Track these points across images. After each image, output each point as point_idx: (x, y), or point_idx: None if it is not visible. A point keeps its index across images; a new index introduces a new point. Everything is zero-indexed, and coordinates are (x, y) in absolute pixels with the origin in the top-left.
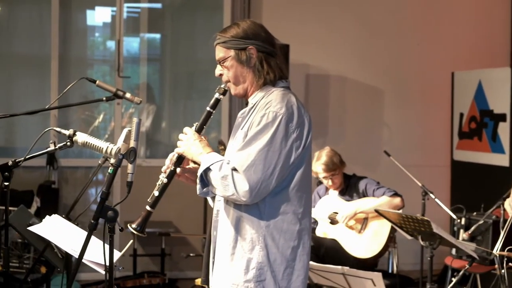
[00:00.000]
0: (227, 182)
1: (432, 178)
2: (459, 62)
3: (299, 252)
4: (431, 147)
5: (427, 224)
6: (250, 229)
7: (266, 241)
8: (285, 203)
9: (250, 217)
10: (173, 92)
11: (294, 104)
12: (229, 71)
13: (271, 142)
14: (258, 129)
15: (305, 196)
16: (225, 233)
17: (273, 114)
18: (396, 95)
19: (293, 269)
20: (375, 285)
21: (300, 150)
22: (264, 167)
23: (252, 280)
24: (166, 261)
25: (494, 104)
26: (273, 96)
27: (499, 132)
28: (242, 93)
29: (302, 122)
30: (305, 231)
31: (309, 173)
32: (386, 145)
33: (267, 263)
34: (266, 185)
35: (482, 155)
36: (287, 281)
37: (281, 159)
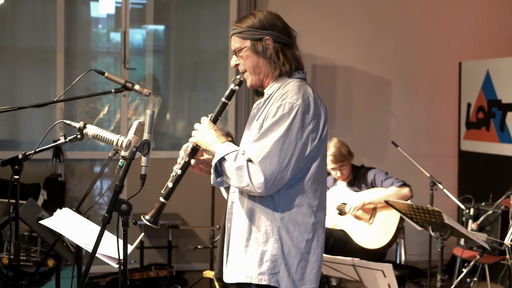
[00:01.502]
0: (242, 173)
1: (439, 168)
2: (466, 52)
3: (314, 245)
4: (438, 137)
5: (438, 215)
6: (264, 221)
7: (280, 234)
8: (300, 196)
9: (264, 209)
10: (177, 84)
11: (310, 95)
12: (245, 62)
13: (287, 133)
14: (274, 120)
15: (320, 188)
16: (239, 225)
17: (290, 105)
18: (403, 85)
19: (307, 262)
20: (385, 276)
21: (316, 142)
22: (279, 159)
23: (266, 273)
24: (173, 253)
25: (502, 94)
26: (289, 87)
27: (507, 122)
28: (257, 84)
29: (318, 114)
30: (319, 224)
31: (324, 165)
32: (393, 135)
33: (281, 255)
34: (281, 176)
35: (490, 145)
36: (301, 274)
37: (297, 150)
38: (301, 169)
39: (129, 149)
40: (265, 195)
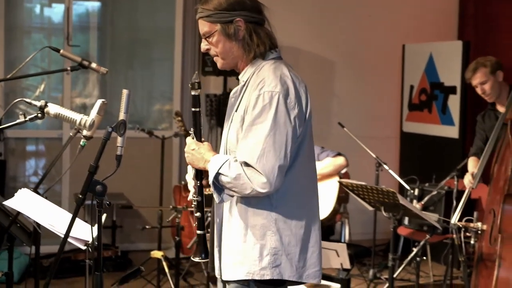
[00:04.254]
0: (242, 181)
1: (381, 149)
2: (409, 35)
3: (312, 229)
4: (381, 118)
5: (392, 196)
6: (260, 215)
7: (277, 225)
8: (293, 182)
9: (259, 202)
10: (113, 62)
11: (288, 77)
12: (216, 47)
13: (275, 125)
14: (256, 113)
15: (311, 169)
16: (234, 222)
17: (269, 94)
18: (348, 66)
19: (307, 247)
20: (339, 256)
21: (303, 123)
22: (276, 152)
23: (268, 267)
24: (117, 233)
25: (444, 77)
26: (265, 72)
27: (449, 105)
28: (230, 67)
29: (298, 94)
30: (314, 205)
31: (312, 146)
32: (336, 116)
33: (281, 247)
34: (282, 168)
35: (431, 127)
36: (303, 261)
37: (289, 138)
38: (292, 155)
39: (93, 128)
40: (274, 192)
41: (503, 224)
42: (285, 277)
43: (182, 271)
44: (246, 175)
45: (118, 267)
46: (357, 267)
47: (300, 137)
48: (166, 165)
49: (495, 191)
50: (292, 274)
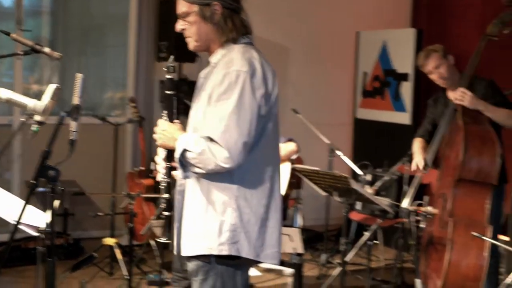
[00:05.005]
0: (206, 156)
1: (335, 136)
2: (363, 22)
3: (272, 209)
4: (334, 105)
5: (345, 181)
6: (221, 192)
7: (238, 202)
8: (255, 162)
9: (220, 179)
10: (66, 48)
11: (256, 59)
12: (191, 27)
13: (241, 102)
14: (223, 90)
15: (274, 152)
16: (196, 198)
17: (236, 73)
18: (302, 53)
19: (267, 227)
20: (292, 240)
21: (268, 105)
22: (239, 128)
23: (226, 243)
24: (69, 221)
25: (397, 64)
26: (234, 53)
27: (402, 91)
28: (201, 49)
29: (265, 76)
30: (276, 187)
31: (276, 130)
32: (291, 103)
33: (240, 224)
34: (246, 145)
35: (384, 114)
36: (262, 240)
37: (254, 116)
38: (256, 134)
39: (46, 114)
40: (235, 168)
41: (454, 208)
42: (242, 254)
43: (135, 258)
44: (210, 150)
45: (70, 255)
46: (309, 252)
47: (265, 117)
48: (119, 151)
49: (445, 175)
50: (249, 252)
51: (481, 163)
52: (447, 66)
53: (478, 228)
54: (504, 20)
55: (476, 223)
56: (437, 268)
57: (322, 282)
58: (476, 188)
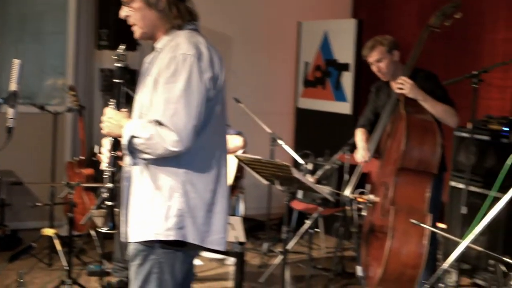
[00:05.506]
0: (155, 141)
1: (276, 125)
2: (305, 12)
3: (218, 195)
4: (276, 95)
5: (286, 169)
6: (168, 176)
7: (185, 187)
8: (202, 146)
9: (168, 164)
10: (3, 35)
11: (202, 43)
12: (136, 13)
13: (188, 85)
14: (170, 74)
15: (220, 138)
16: (143, 183)
17: (183, 56)
18: (244, 42)
19: (213, 212)
20: (234, 229)
21: (214, 89)
22: (188, 111)
23: (173, 228)
24: (6, 211)
25: (338, 54)
26: (180, 38)
27: (343, 81)
28: (146, 37)
29: (212, 61)
30: (222, 173)
31: (224, 116)
32: (233, 92)
33: (187, 209)
34: (195, 128)
35: (325, 103)
36: (208, 225)
37: (201, 99)
38: (203, 118)
39: None
40: (185, 151)
41: (395, 197)
42: (189, 239)
43: (75, 248)
44: (159, 134)
45: (7, 246)
46: (251, 241)
47: (213, 101)
48: (58, 141)
49: (387, 164)
50: (195, 237)
51: (423, 152)
52: (389, 61)
53: (419, 216)
54: (446, 12)
55: (416, 211)
56: (377, 256)
57: (264, 271)
58: (417, 177)
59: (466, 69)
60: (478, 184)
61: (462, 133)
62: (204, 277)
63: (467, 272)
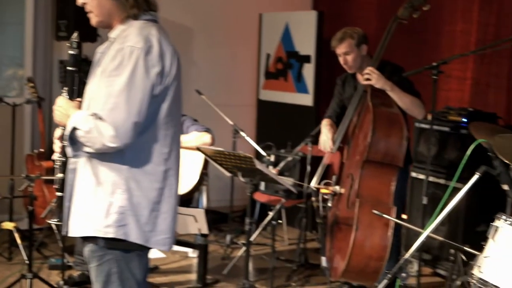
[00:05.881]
0: (93, 135)
1: (238, 117)
2: (266, 4)
3: (165, 194)
4: (238, 86)
5: (249, 161)
6: (111, 172)
7: (128, 184)
8: (148, 143)
9: (111, 159)
10: None
11: (154, 36)
12: (92, 1)
13: (132, 80)
14: (114, 66)
15: (172, 134)
16: (86, 177)
17: (130, 49)
18: (205, 34)
19: (158, 212)
20: (197, 221)
21: (164, 83)
22: (129, 107)
23: (113, 225)
24: None
25: (300, 46)
26: (131, 29)
27: (304, 73)
28: (103, 25)
29: (163, 54)
30: (171, 172)
31: (175, 110)
32: (194, 84)
33: (130, 207)
34: (135, 125)
35: (287, 95)
36: (152, 225)
37: (146, 95)
38: (150, 114)
39: None
40: (123, 147)
41: (361, 189)
42: (130, 238)
43: (36, 242)
44: (98, 128)
45: None
46: (214, 233)
47: (160, 97)
48: (17, 133)
49: (353, 156)
50: (138, 236)
51: (389, 145)
52: (356, 55)
53: (383, 209)
54: (414, 4)
55: (381, 204)
56: (342, 248)
57: (227, 263)
58: (382, 169)
59: (426, 61)
60: (438, 175)
61: (422, 125)
62: (167, 270)
63: (428, 262)
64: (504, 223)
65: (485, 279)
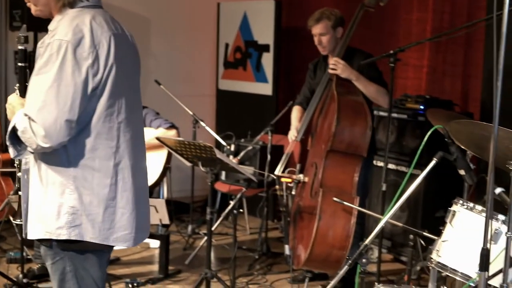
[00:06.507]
0: (28, 135)
1: (198, 107)
2: None
3: (120, 189)
4: (197, 76)
5: (209, 150)
6: (57, 172)
7: (76, 183)
8: (93, 138)
9: (57, 159)
10: None
11: (85, 26)
12: None
13: (60, 75)
14: (42, 62)
15: (117, 126)
16: (36, 178)
17: (58, 43)
18: (163, 24)
19: (115, 208)
20: (157, 211)
21: (100, 74)
22: (58, 105)
23: (65, 227)
24: None
25: (258, 35)
26: (63, 20)
27: (263, 62)
28: (44, 15)
29: (98, 44)
30: (123, 165)
31: (119, 99)
32: (153, 74)
33: (81, 206)
34: (67, 123)
35: (246, 84)
36: (109, 222)
37: (78, 90)
38: (88, 109)
39: None
40: (58, 147)
41: (324, 179)
42: (86, 238)
43: None
44: (31, 128)
45: None
46: (176, 223)
47: (98, 89)
48: None
49: (318, 144)
50: (95, 236)
51: (353, 135)
52: (331, 37)
53: (346, 199)
54: None
55: (345, 194)
56: (305, 236)
57: (189, 253)
58: (346, 159)
59: (383, 49)
60: (397, 162)
61: (381, 112)
62: (129, 261)
63: (389, 248)
64: (461, 208)
65: (444, 262)
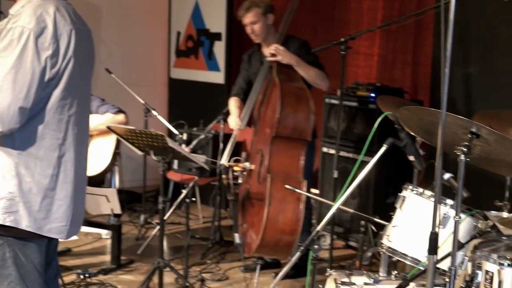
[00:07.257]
0: None
1: (150, 96)
2: None
3: (60, 181)
4: (149, 65)
5: (161, 139)
6: (1, 156)
7: (18, 169)
8: (41, 128)
9: (2, 143)
10: None
11: (49, 15)
12: None
13: (20, 62)
14: (2, 47)
15: (67, 119)
16: None
17: (20, 29)
18: (114, 12)
19: (53, 199)
20: (109, 201)
21: (58, 66)
22: (14, 91)
23: (0, 212)
24: None
25: (210, 23)
26: (27, 7)
27: (215, 51)
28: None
29: (60, 36)
30: (67, 157)
31: (73, 93)
32: (104, 63)
33: (19, 193)
34: (21, 109)
35: (199, 73)
36: (45, 212)
37: (35, 79)
38: (41, 98)
39: None
40: (8, 132)
41: (271, 165)
42: (21, 226)
43: None
44: None
45: None
46: (128, 213)
47: (54, 81)
48: None
49: (262, 131)
50: (30, 224)
51: (297, 120)
52: (263, 24)
53: (294, 183)
54: None
55: (292, 178)
56: (254, 223)
57: (142, 243)
58: (292, 144)
59: (334, 37)
60: (348, 149)
61: (332, 100)
62: (80, 252)
63: (340, 234)
64: (410, 193)
65: (394, 247)
